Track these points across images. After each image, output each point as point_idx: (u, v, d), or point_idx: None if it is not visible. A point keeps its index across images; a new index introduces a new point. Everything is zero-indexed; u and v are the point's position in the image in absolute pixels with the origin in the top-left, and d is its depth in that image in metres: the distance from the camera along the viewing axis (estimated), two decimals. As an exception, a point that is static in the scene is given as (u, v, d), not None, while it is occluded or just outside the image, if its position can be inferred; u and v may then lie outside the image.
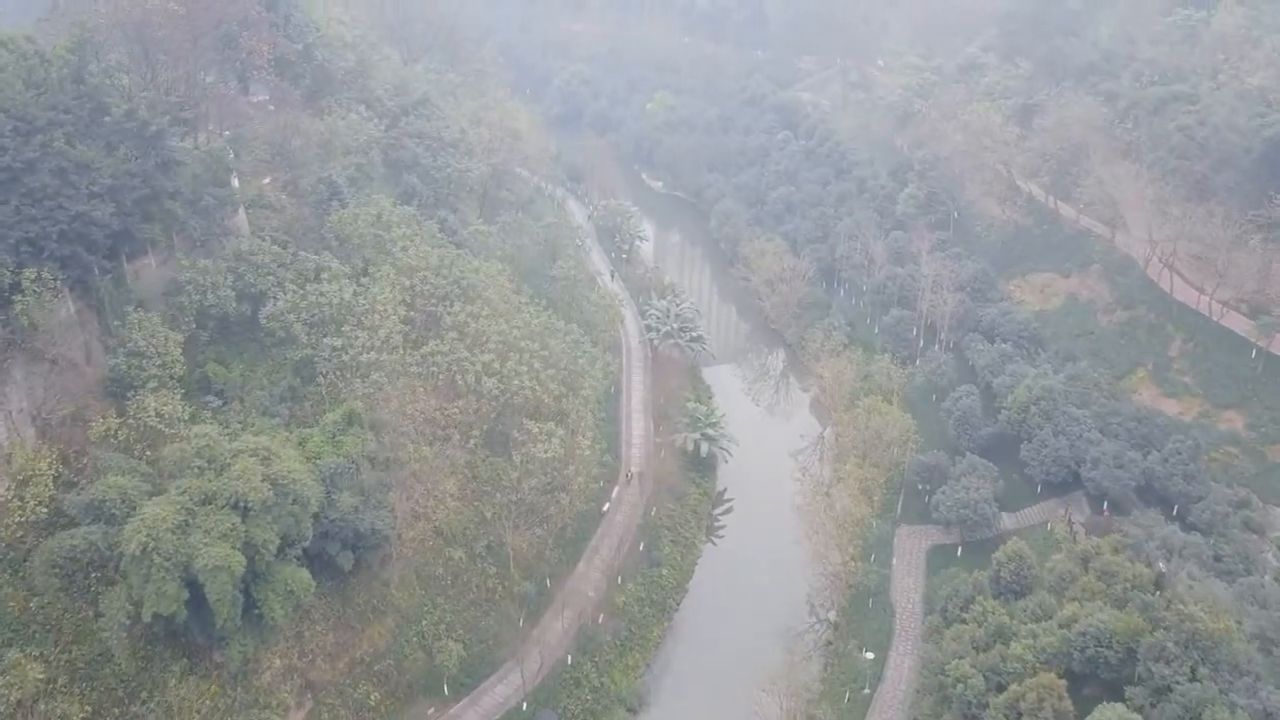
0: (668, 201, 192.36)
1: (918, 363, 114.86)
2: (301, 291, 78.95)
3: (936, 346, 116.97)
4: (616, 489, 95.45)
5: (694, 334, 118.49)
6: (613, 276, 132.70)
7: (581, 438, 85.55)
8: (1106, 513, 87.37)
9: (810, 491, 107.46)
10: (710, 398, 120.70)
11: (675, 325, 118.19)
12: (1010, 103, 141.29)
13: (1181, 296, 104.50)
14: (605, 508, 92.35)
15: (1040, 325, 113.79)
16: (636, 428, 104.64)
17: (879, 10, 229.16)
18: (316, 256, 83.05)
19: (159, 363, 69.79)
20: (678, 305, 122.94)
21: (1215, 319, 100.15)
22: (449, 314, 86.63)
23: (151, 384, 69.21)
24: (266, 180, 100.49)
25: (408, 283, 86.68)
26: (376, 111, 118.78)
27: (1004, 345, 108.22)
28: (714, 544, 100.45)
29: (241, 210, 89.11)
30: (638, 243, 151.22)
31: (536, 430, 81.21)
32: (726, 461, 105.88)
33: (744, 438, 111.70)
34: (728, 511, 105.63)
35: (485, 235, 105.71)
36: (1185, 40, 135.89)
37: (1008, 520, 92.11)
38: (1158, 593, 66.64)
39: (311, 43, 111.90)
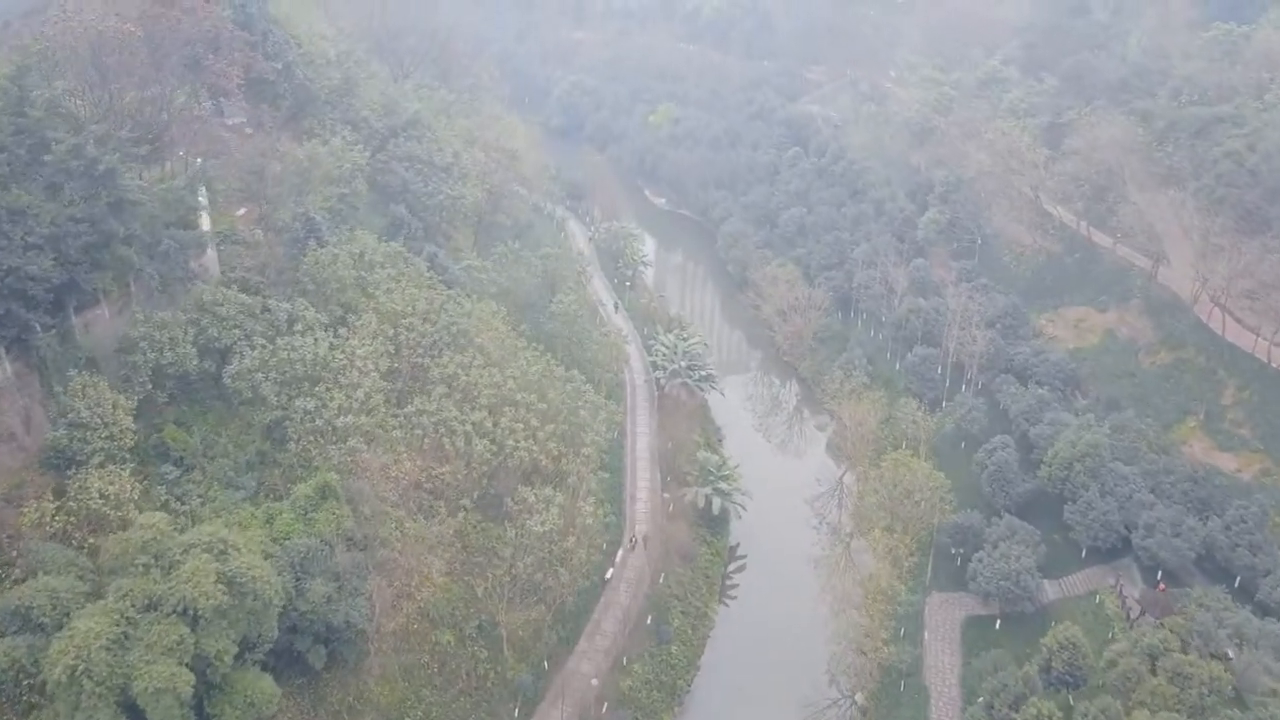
0: (672, 220, 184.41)
1: (944, 405, 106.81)
2: (271, 347, 70.82)
3: (964, 386, 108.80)
4: (621, 552, 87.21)
5: (703, 372, 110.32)
6: (616, 308, 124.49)
7: (583, 503, 77.34)
8: (1162, 586, 79.13)
9: (829, 547, 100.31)
10: (721, 441, 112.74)
11: (683, 363, 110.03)
12: (1037, 121, 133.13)
13: (1234, 338, 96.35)
14: (608, 575, 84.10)
15: (1076, 366, 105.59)
16: (642, 480, 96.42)
17: (890, 18, 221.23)
18: (289, 305, 74.90)
19: (105, 434, 61.63)
20: (685, 341, 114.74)
21: (1274, 365, 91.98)
22: (437, 365, 78.49)
23: (97, 458, 61.11)
24: (241, 212, 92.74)
25: (391, 331, 78.56)
26: (363, 134, 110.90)
27: (1039, 389, 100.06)
28: (726, 605, 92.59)
29: (211, 249, 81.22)
30: (641, 268, 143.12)
31: (533, 499, 73.01)
32: (740, 517, 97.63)
33: (756, 478, 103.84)
34: (741, 569, 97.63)
35: (479, 271, 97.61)
36: (1225, 56, 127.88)
37: (1050, 588, 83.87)
38: (1244, 711, 58.49)
39: (292, 61, 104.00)
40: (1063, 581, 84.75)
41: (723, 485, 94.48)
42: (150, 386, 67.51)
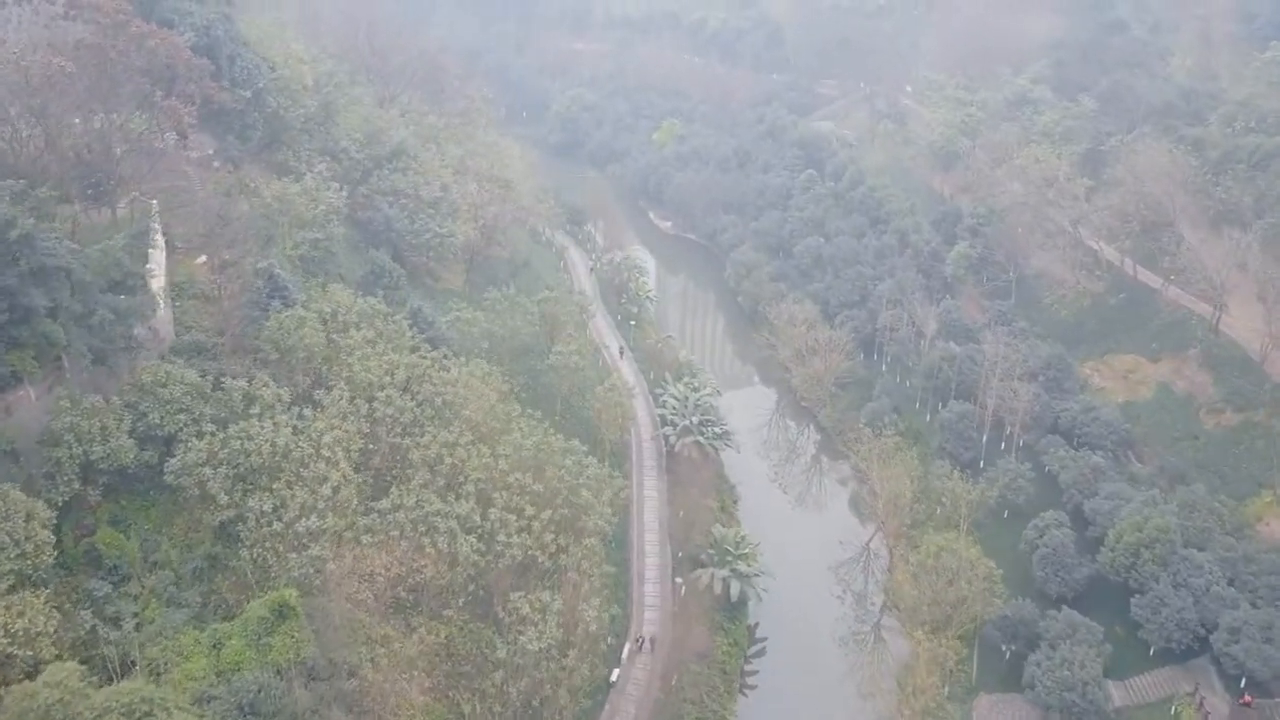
0: (678, 245, 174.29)
1: (983, 467, 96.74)
2: (223, 435, 60.70)
3: (1003, 445, 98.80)
4: (627, 646, 77.09)
5: (717, 428, 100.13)
6: (621, 353, 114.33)
7: (585, 605, 67.19)
8: (1249, 698, 69.15)
9: (856, 621, 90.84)
10: (736, 502, 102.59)
11: (695, 419, 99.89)
12: (1075, 148, 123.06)
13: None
14: (613, 676, 73.99)
15: (1130, 424, 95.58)
16: (651, 558, 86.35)
17: (906, 31, 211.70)
18: (246, 383, 64.70)
19: (16, 553, 51.51)
20: (697, 391, 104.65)
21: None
22: (418, 447, 68.32)
23: (6, 582, 51.03)
24: (202, 259, 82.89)
25: (366, 407, 68.40)
26: (343, 165, 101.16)
27: (1092, 455, 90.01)
28: (745, 696, 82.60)
29: (165, 306, 71.30)
30: (648, 303, 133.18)
31: (527, 609, 62.87)
32: (760, 600, 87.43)
33: (773, 539, 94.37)
34: (760, 653, 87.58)
35: (468, 324, 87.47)
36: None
37: (1116, 692, 73.82)
38: None
39: (263, 88, 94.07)
40: (1130, 684, 74.69)
41: (741, 566, 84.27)
42: (79, 485, 57.47)
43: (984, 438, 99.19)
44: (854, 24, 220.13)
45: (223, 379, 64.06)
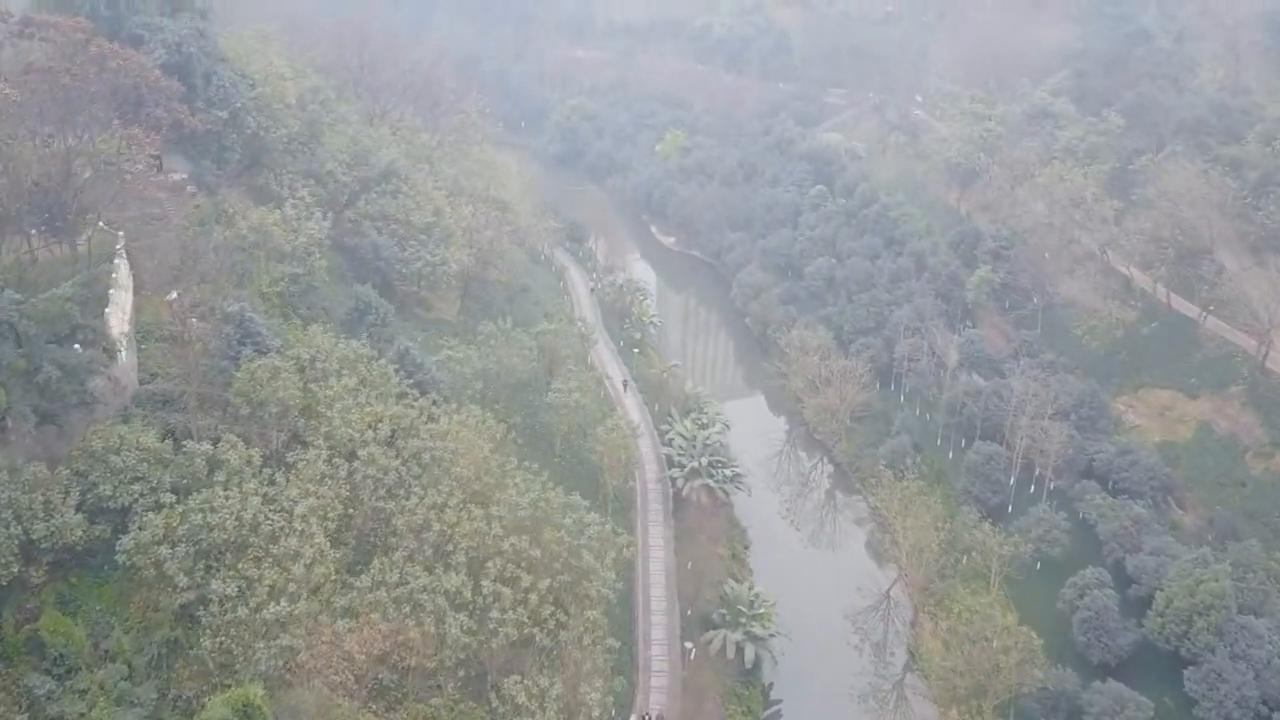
0: (682, 262, 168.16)
1: (1012, 512, 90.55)
2: (182, 508, 54.33)
3: (1033, 487, 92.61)
4: (634, 720, 70.79)
5: (728, 470, 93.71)
6: (625, 386, 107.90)
7: (587, 685, 60.86)
8: (1319, 788, 62.83)
9: (877, 675, 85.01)
10: (748, 548, 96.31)
11: (704, 459, 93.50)
12: (1104, 168, 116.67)
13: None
14: (619, 755, 67.68)
15: (1170, 468, 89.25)
16: (657, 619, 79.81)
17: (916, 38, 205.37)
18: (212, 445, 58.33)
19: (-59, 654, 45.28)
20: (705, 429, 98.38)
21: None
22: (403, 512, 61.94)
23: (-70, 686, 44.79)
24: (172, 296, 76.61)
25: (346, 468, 62.03)
26: (328, 188, 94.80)
27: (1133, 505, 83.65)
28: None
29: (129, 351, 65.04)
30: (652, 329, 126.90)
31: (523, 698, 56.51)
32: (776, 663, 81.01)
33: (785, 583, 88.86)
34: (775, 716, 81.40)
35: (460, 363, 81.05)
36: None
37: (1167, 773, 67.65)
38: None
39: (241, 108, 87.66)
40: (1182, 765, 68.40)
41: (756, 629, 77.88)
42: (19, 566, 51.13)
43: (1012, 481, 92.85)
44: (862, 32, 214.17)
45: (184, 443, 57.57)
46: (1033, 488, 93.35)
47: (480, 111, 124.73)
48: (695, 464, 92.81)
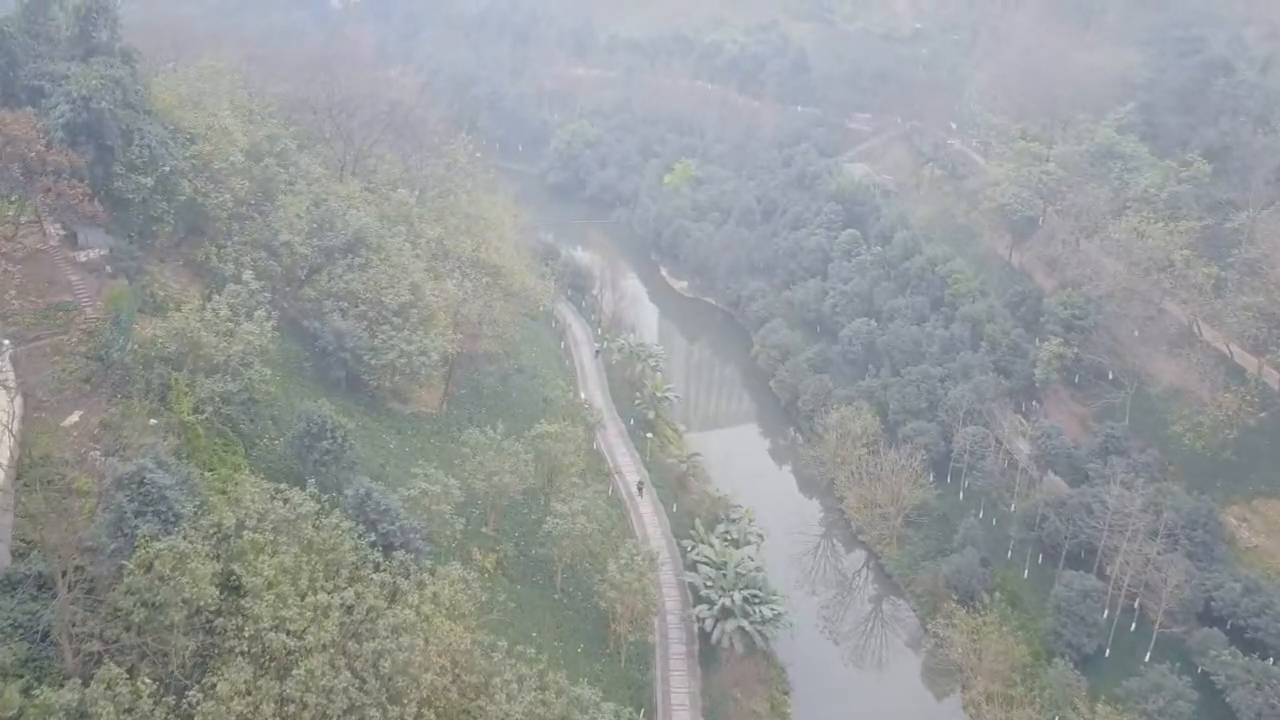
0: (696, 310, 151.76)
1: (1110, 657, 74.49)
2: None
3: (1133, 624, 76.43)
4: None
5: (766, 608, 77.10)
6: (640, 489, 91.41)
7: None
8: None
9: None
10: (787, 693, 79.87)
11: (738, 594, 77.02)
12: (1195, 224, 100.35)
13: None
14: None
15: (1308, 609, 72.95)
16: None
17: (946, 58, 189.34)
18: (81, 689, 41.90)
19: None
20: (740, 547, 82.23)
21: None
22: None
23: None
24: (73, 419, 60.92)
25: (278, 693, 45.59)
26: (283, 262, 78.45)
27: (1272, 666, 67.37)
28: None
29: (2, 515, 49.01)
30: (668, 402, 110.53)
31: None
32: None
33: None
34: None
35: (439, 498, 64.38)
36: None
37: None
38: None
39: (173, 170, 71.36)
40: None
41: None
42: None
43: (1112, 621, 76.52)
44: (886, 50, 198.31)
45: (35, 690, 41.12)
46: (1134, 625, 77.17)
47: (470, 155, 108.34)
48: (728, 601, 76.33)
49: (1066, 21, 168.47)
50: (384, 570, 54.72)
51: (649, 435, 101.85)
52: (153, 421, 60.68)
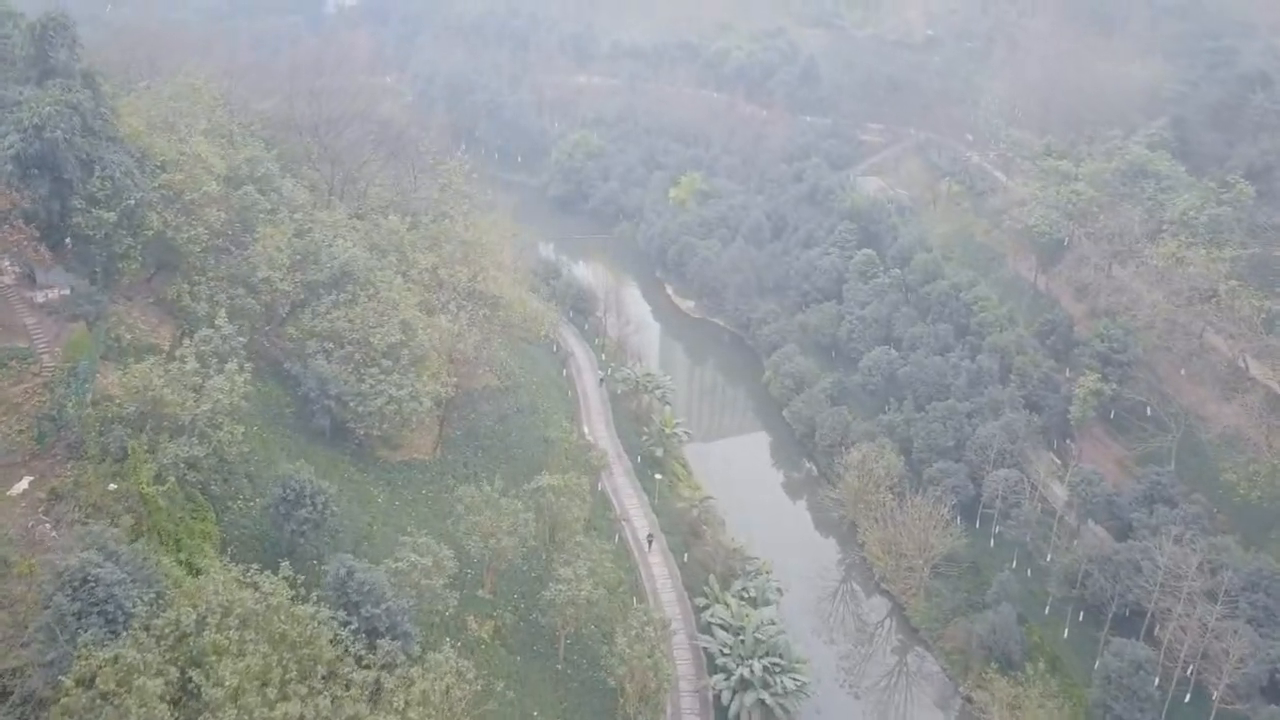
0: (703, 331, 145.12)
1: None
2: None
3: (1188, 697, 70.01)
4: None
5: (789, 678, 70.63)
6: (650, 542, 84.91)
7: None
8: None
9: None
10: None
11: (758, 665, 70.55)
12: (1242, 251, 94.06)
13: None
14: None
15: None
16: None
17: (960, 66, 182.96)
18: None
19: None
20: (756, 606, 75.78)
21: None
22: None
23: None
24: (22, 485, 55.15)
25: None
26: (262, 299, 72.24)
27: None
28: None
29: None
30: (678, 439, 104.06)
31: None
32: None
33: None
34: None
35: (430, 572, 57.92)
36: None
37: None
38: None
39: (138, 203, 65.15)
40: None
41: None
42: None
43: (1166, 694, 70.09)
44: (898, 59, 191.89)
45: None
46: (1189, 696, 70.79)
47: (466, 175, 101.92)
48: (746, 671, 69.93)
49: (1087, 30, 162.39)
50: (366, 664, 48.44)
51: (658, 476, 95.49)
52: (112, 487, 54.80)
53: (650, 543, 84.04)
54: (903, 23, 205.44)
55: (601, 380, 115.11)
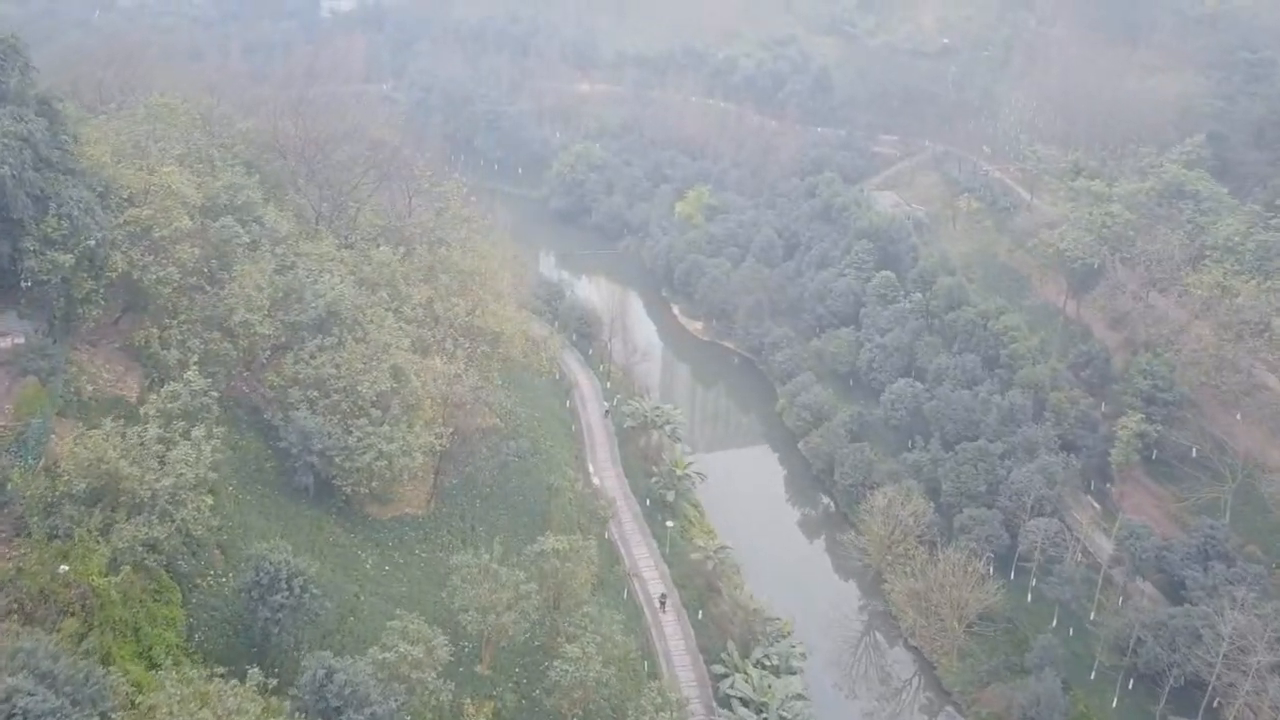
0: (712, 354, 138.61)
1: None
2: None
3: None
4: None
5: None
6: (663, 603, 78.30)
7: None
8: None
9: None
10: None
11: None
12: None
13: None
14: None
15: None
16: None
17: (977, 76, 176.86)
18: None
19: None
20: (781, 683, 69.54)
21: None
22: None
23: None
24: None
25: None
26: (240, 344, 65.88)
27: None
28: None
29: None
30: (690, 482, 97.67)
31: None
32: None
33: None
34: None
35: (418, 665, 51.54)
36: None
37: None
38: None
39: (100, 243, 58.82)
40: None
41: None
42: None
43: (1233, 778, 63.96)
44: (913, 68, 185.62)
45: None
46: (1256, 780, 64.58)
47: (464, 197, 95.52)
48: (770, 754, 63.73)
49: (1111, 39, 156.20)
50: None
51: (669, 524, 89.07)
52: (63, 569, 48.40)
53: (664, 604, 77.58)
54: (917, 30, 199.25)
55: (607, 412, 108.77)
